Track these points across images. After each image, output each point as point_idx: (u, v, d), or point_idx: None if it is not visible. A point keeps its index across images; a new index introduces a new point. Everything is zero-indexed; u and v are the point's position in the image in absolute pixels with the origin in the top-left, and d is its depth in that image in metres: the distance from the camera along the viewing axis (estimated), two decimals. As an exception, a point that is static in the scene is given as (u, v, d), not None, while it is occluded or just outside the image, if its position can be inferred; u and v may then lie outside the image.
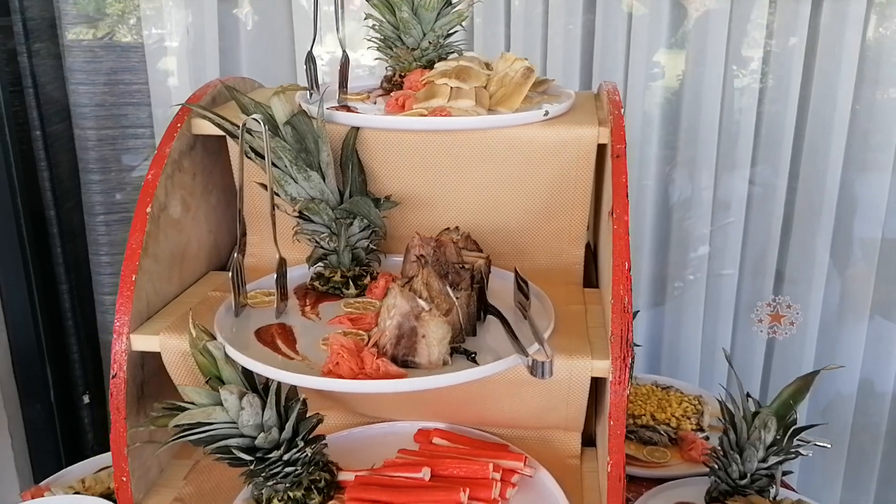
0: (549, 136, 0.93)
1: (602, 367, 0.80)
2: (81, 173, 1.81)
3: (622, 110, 0.92)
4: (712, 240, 2.00)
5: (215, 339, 0.80)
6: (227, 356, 0.79)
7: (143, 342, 0.84)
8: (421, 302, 0.75)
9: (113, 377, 0.83)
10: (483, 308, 0.86)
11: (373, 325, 0.82)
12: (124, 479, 0.85)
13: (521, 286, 0.87)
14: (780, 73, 1.75)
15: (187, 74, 1.76)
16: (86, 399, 2.05)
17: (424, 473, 0.87)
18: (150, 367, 0.89)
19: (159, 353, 0.86)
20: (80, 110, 1.75)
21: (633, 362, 0.78)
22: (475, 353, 0.79)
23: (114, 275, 1.89)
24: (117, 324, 0.84)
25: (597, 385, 0.88)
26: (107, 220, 1.86)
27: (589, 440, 1.00)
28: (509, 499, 0.88)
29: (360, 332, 0.82)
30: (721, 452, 1.20)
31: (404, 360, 0.76)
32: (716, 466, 1.22)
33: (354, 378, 0.72)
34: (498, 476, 0.87)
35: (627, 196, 0.83)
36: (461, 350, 0.80)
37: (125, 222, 1.85)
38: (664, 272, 2.11)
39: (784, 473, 1.21)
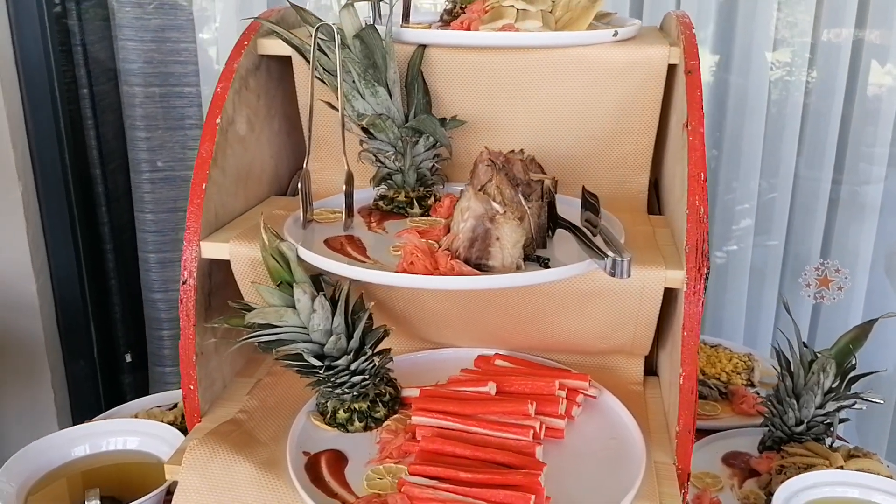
0: (619, 56, 0.92)
1: (676, 277, 0.79)
2: (128, 130, 1.83)
3: (693, 30, 0.91)
4: (758, 212, 1.98)
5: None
6: (299, 258, 0.79)
7: (213, 249, 0.85)
8: (495, 205, 0.75)
9: (183, 283, 0.83)
10: (553, 224, 0.85)
11: (442, 236, 0.81)
12: (192, 387, 0.85)
13: (589, 203, 0.86)
14: (829, 47, 1.73)
15: (234, 34, 1.77)
16: (128, 358, 2.08)
17: (490, 388, 0.86)
18: (217, 279, 0.89)
19: (226, 266, 0.87)
20: (127, 67, 1.77)
21: (707, 274, 0.77)
22: (548, 260, 0.78)
23: (157, 233, 1.91)
24: (188, 231, 0.84)
25: (663, 310, 0.87)
26: (152, 178, 1.87)
27: (649, 371, 0.99)
28: (575, 417, 0.87)
29: (431, 241, 0.82)
30: (776, 400, 1.19)
31: (477, 264, 0.75)
32: (770, 414, 1.20)
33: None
34: (563, 394, 0.86)
35: (702, 109, 0.82)
36: (533, 258, 0.79)
37: (169, 181, 1.86)
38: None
39: (840, 421, 1.18)
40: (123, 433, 1.03)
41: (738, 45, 1.76)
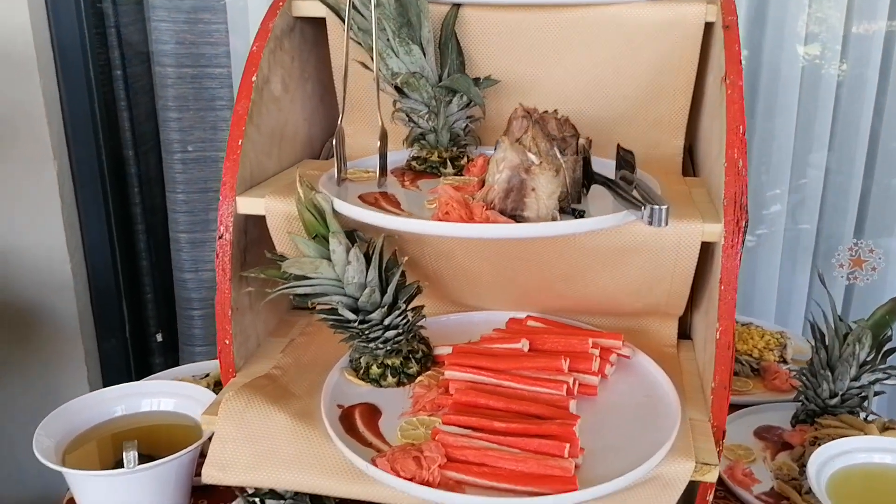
0: (654, 14, 0.91)
1: (714, 230, 0.78)
2: (160, 111, 1.84)
3: (730, -13, 0.90)
4: (790, 197, 1.96)
5: (321, 197, 0.80)
6: (334, 211, 0.79)
7: (249, 205, 0.85)
8: (531, 155, 0.75)
9: (219, 238, 0.84)
10: (587, 181, 0.84)
11: (476, 191, 0.81)
12: (227, 341, 0.86)
13: (625, 160, 0.85)
14: (862, 22, 1.70)
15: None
16: (159, 338, 2.10)
17: (523, 344, 0.86)
18: (252, 236, 0.90)
19: (261, 223, 0.87)
20: (160, 48, 1.79)
21: (746, 227, 0.76)
22: (584, 212, 0.78)
23: (189, 213, 1.93)
24: (224, 187, 0.85)
25: (698, 270, 0.86)
26: (183, 159, 1.89)
27: (682, 336, 0.98)
28: (608, 376, 0.87)
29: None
30: (810, 373, 1.17)
31: (512, 215, 0.75)
32: (804, 387, 1.18)
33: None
34: (597, 353, 0.86)
35: (741, 63, 0.81)
36: (568, 211, 0.78)
37: (200, 161, 1.88)
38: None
39: (875, 394, 1.16)
40: (159, 395, 1.05)
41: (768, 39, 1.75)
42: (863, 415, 1.17)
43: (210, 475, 0.78)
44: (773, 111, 1.78)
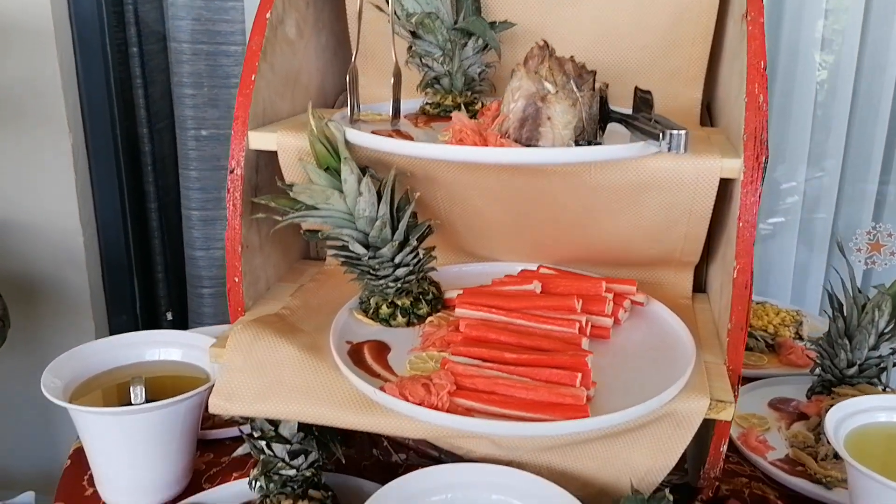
0: (673, -42, 0.90)
1: (733, 166, 0.76)
2: (174, 88, 1.85)
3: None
4: (806, 186, 1.95)
5: (334, 131, 0.79)
6: (347, 141, 0.78)
7: (261, 140, 0.85)
8: (547, 84, 0.74)
9: (230, 172, 0.84)
10: (603, 121, 0.83)
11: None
12: (236, 279, 0.85)
13: (643, 100, 0.84)
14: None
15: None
16: (168, 316, 2.10)
17: (535, 286, 0.84)
18: (263, 176, 0.89)
19: (273, 163, 0.87)
20: (176, 24, 1.80)
21: (766, 164, 0.74)
22: (600, 143, 0.77)
23: (201, 190, 1.93)
24: (236, 122, 0.84)
25: (714, 219, 0.84)
26: (196, 136, 1.89)
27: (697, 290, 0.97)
28: (621, 322, 0.85)
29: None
30: (827, 343, 1.15)
31: (527, 145, 0.74)
32: (820, 357, 1.16)
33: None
34: (610, 297, 0.84)
35: (762, 0, 0.80)
36: (584, 145, 0.77)
37: (214, 139, 1.88)
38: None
39: (894, 364, 1.14)
40: (166, 344, 1.04)
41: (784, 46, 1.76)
42: (881, 387, 1.15)
43: (216, 405, 0.77)
44: (791, 100, 1.77)
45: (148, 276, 2.01)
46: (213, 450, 1.06)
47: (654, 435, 0.73)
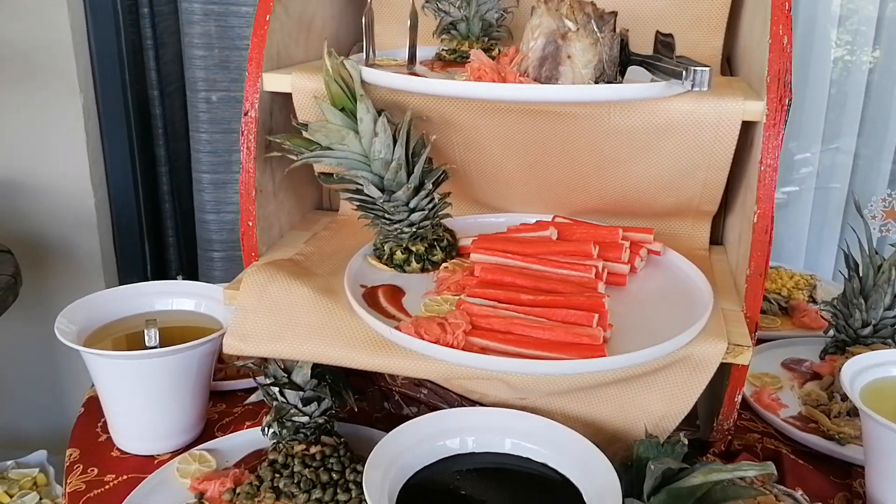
0: None
1: (755, 108, 0.75)
2: (185, 48, 1.84)
3: None
4: (821, 156, 1.94)
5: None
6: (363, 80, 0.77)
7: (275, 82, 0.84)
8: (568, 22, 0.72)
9: (245, 115, 0.83)
10: (624, 65, 0.81)
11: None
12: (250, 223, 0.85)
13: (664, 43, 0.82)
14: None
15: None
16: (179, 279, 2.10)
17: (551, 232, 0.84)
18: (277, 121, 0.88)
19: (288, 104, 0.86)
20: (188, -18, 1.77)
21: (789, 105, 0.73)
22: (621, 82, 0.75)
23: (211, 153, 1.92)
24: (250, 64, 0.84)
25: (734, 166, 0.83)
26: (207, 98, 1.88)
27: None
28: (638, 270, 0.84)
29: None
30: (842, 303, 1.14)
31: (547, 83, 0.73)
32: (835, 317, 1.15)
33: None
34: (627, 244, 0.83)
35: (787, -59, 0.78)
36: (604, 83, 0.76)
37: (224, 101, 1.87)
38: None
39: (913, 326, 1.13)
40: (180, 294, 1.04)
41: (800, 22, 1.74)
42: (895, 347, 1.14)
43: (231, 345, 0.77)
44: (806, 78, 1.76)
45: (158, 239, 2.01)
46: (225, 400, 1.07)
47: (669, 379, 0.73)
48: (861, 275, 1.13)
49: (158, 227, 2.00)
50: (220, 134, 1.88)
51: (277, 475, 0.82)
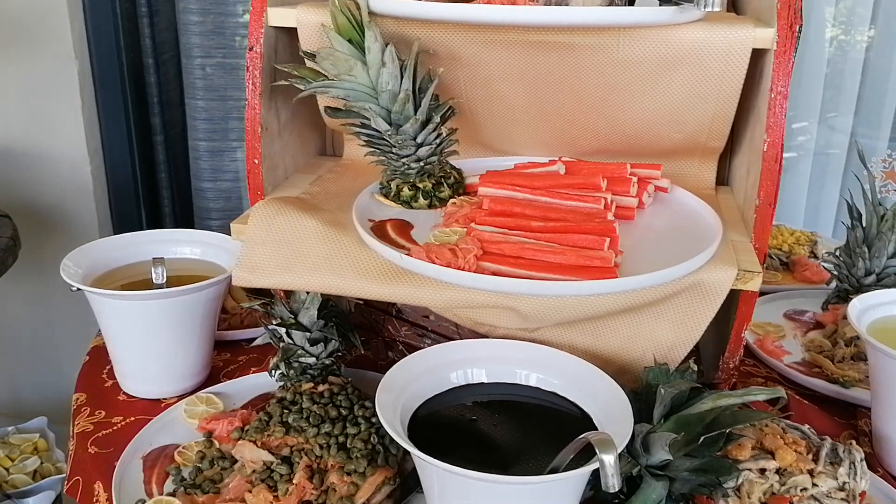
0: None
1: (766, 35, 0.74)
2: (180, 14, 1.82)
3: None
4: (819, 126, 1.95)
5: (356, 2, 0.77)
6: (370, 9, 0.77)
7: (280, 16, 0.83)
8: (577, -53, 0.72)
9: (249, 50, 0.82)
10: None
11: None
12: (256, 161, 0.84)
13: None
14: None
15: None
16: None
17: (559, 167, 0.83)
18: (282, 59, 0.88)
19: (293, 43, 0.85)
20: (182, -52, 1.75)
21: (800, 31, 0.73)
22: (629, 12, 0.75)
23: (208, 120, 1.91)
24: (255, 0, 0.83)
25: (741, 105, 0.83)
26: (203, 64, 1.86)
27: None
28: (646, 205, 0.84)
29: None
30: (845, 253, 1.14)
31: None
32: (837, 267, 1.15)
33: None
34: (635, 179, 0.83)
35: None
36: (612, 15, 0.75)
37: (220, 67, 1.86)
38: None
39: (915, 274, 1.13)
40: (187, 242, 1.04)
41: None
42: (900, 294, 1.14)
43: (240, 277, 0.77)
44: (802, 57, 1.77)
45: (155, 208, 2.00)
46: (230, 350, 1.07)
47: (679, 306, 0.73)
48: (864, 224, 1.13)
49: (155, 196, 1.99)
50: (216, 101, 1.87)
51: (286, 411, 0.82)
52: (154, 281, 0.90)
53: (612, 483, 0.53)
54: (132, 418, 0.91)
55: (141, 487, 0.79)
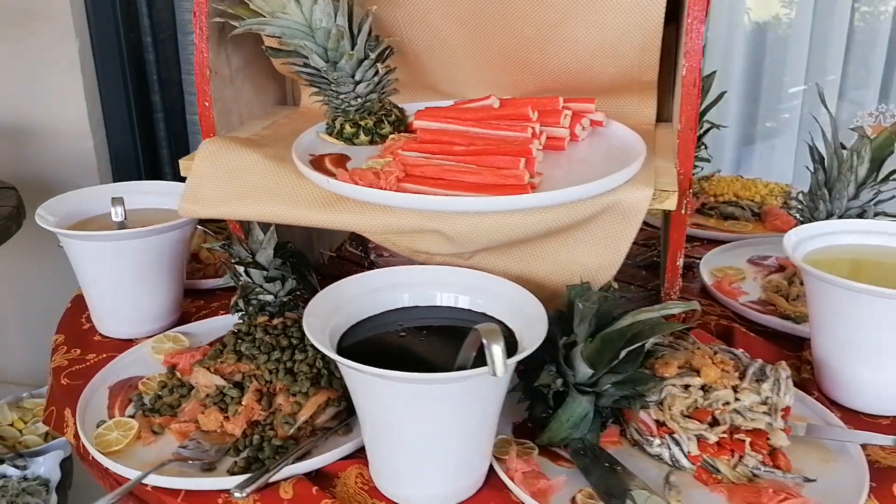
0: None
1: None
2: (175, -10, 1.86)
3: None
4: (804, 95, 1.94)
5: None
6: (303, -50, 0.80)
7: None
8: None
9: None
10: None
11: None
12: (206, 104, 0.89)
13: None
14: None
15: None
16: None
17: (493, 101, 0.86)
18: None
19: None
20: (176, -76, 1.80)
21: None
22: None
23: (204, 96, 1.94)
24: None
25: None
26: (198, 40, 1.89)
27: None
28: (580, 138, 0.87)
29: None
30: (808, 197, 1.15)
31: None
32: (801, 210, 1.16)
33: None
34: (569, 113, 0.86)
35: None
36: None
37: (215, 43, 1.89)
38: (754, 113, 2.07)
39: (875, 215, 1.13)
40: (159, 193, 1.08)
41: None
42: (860, 236, 1.15)
43: (185, 208, 0.81)
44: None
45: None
46: (202, 297, 1.12)
47: (601, 229, 0.76)
48: (826, 166, 1.14)
49: (156, 171, 2.04)
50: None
51: (240, 341, 0.87)
52: (113, 219, 0.95)
53: (498, 370, 0.56)
54: (104, 355, 0.96)
55: (105, 412, 0.85)
